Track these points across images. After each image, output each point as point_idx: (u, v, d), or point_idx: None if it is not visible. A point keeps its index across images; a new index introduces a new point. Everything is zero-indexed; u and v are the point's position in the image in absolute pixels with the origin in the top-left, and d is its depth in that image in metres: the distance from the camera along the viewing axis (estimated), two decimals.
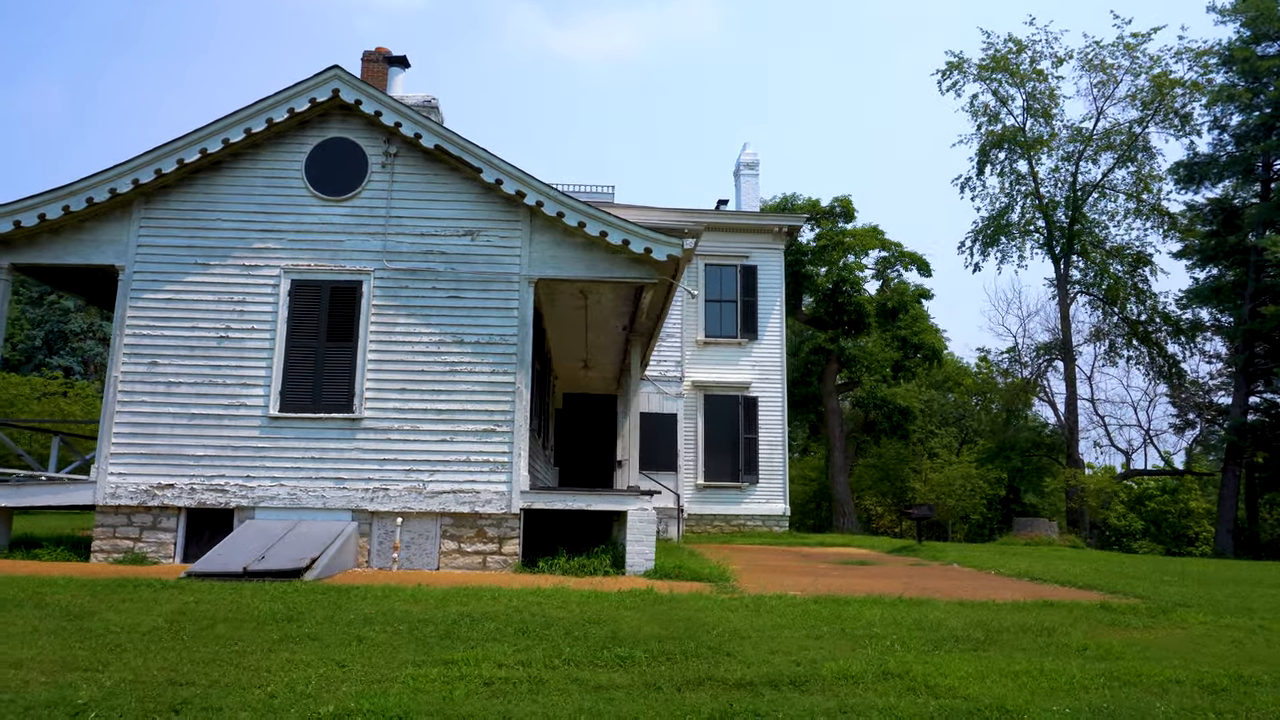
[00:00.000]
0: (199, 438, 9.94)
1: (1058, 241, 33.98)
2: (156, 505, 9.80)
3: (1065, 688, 5.26)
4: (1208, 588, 10.99)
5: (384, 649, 5.66)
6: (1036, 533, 21.17)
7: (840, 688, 5.13)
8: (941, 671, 5.47)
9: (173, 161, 10.14)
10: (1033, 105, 34.29)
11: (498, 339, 10.32)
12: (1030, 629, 7.02)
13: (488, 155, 10.43)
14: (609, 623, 6.64)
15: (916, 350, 30.44)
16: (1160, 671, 5.68)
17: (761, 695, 4.97)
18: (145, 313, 10.17)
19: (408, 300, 10.37)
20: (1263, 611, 8.84)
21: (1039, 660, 5.91)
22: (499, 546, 9.95)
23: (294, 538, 9.16)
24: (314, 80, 10.41)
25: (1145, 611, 8.16)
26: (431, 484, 9.99)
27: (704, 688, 5.10)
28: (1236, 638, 7.13)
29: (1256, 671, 5.85)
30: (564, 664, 5.49)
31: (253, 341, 10.17)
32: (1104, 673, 5.62)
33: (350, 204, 10.54)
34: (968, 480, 28.39)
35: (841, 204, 30.01)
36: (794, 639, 6.31)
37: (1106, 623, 7.57)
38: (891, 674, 5.39)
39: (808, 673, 5.37)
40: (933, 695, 5.02)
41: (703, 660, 5.65)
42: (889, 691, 5.07)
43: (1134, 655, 6.21)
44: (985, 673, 5.50)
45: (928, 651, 6.05)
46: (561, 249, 10.56)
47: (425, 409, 10.14)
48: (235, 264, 10.33)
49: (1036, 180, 34.63)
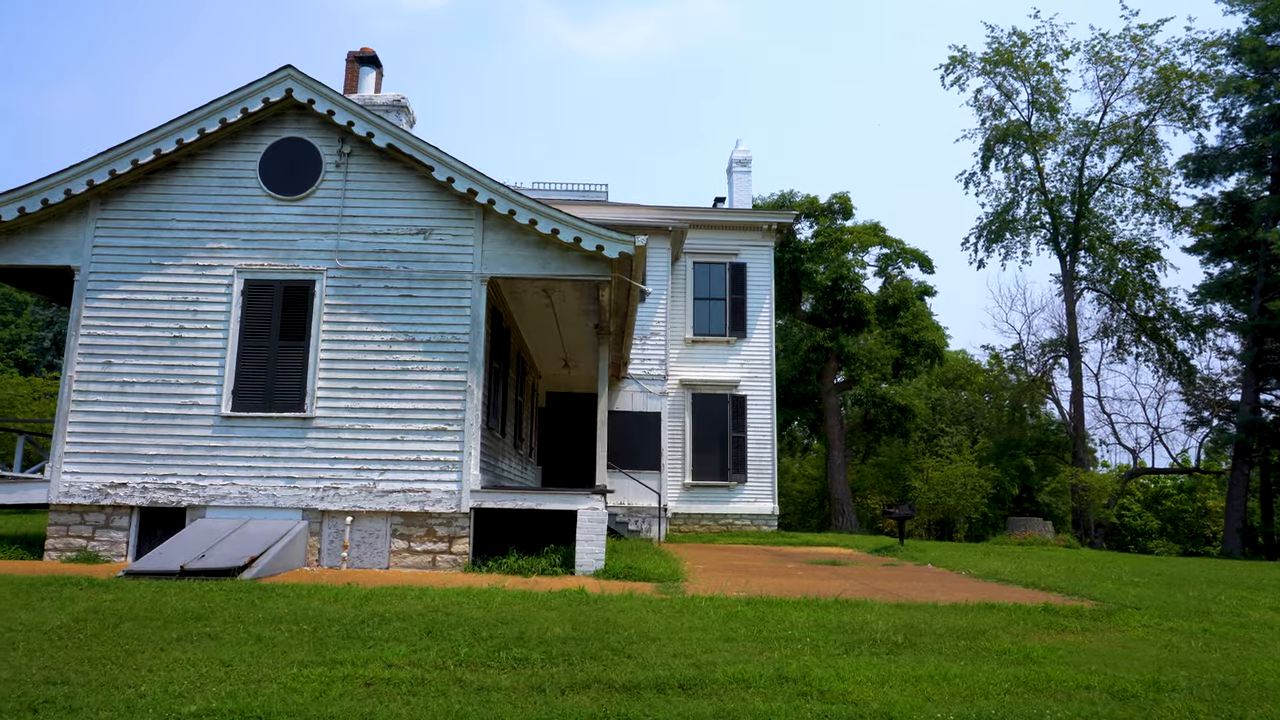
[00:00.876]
0: (152, 437, 10.00)
1: (1064, 237, 33.50)
2: (109, 504, 9.86)
3: (964, 693, 5.14)
4: (1177, 589, 10.75)
5: (279, 648, 5.63)
6: (1030, 532, 20.86)
7: (729, 692, 5.05)
8: (841, 676, 5.36)
9: (127, 162, 10.20)
10: (1038, 99, 33.83)
11: (449, 338, 10.29)
12: (958, 632, 6.88)
13: (439, 154, 10.40)
14: (521, 623, 6.59)
15: (917, 348, 30.10)
16: (1074, 677, 5.54)
17: (643, 699, 4.89)
18: (101, 313, 10.24)
19: (360, 299, 10.37)
20: (1219, 615, 8.62)
21: (950, 664, 5.78)
22: (449, 546, 9.92)
23: (239, 536, 9.18)
24: (267, 80, 10.43)
25: (1089, 614, 7.98)
26: (382, 483, 9.98)
27: (589, 691, 5.03)
28: (1173, 641, 6.95)
29: (1177, 677, 5.70)
30: (456, 665, 5.44)
31: (206, 341, 10.21)
32: (1013, 678, 5.49)
33: (304, 203, 10.55)
34: (968, 479, 28.04)
35: (840, 201, 29.74)
36: (705, 641, 6.22)
37: (1043, 625, 7.40)
38: (787, 678, 5.30)
39: (702, 676, 5.28)
40: (822, 700, 4.93)
41: (599, 663, 5.58)
42: (777, 696, 4.98)
43: (1055, 660, 6.06)
44: (886, 677, 5.39)
45: (838, 655, 5.94)
46: (514, 247, 10.51)
47: (376, 408, 10.14)
48: (190, 264, 10.38)
49: (1042, 175, 34.17)
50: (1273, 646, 6.99)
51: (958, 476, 27.97)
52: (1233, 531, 28.33)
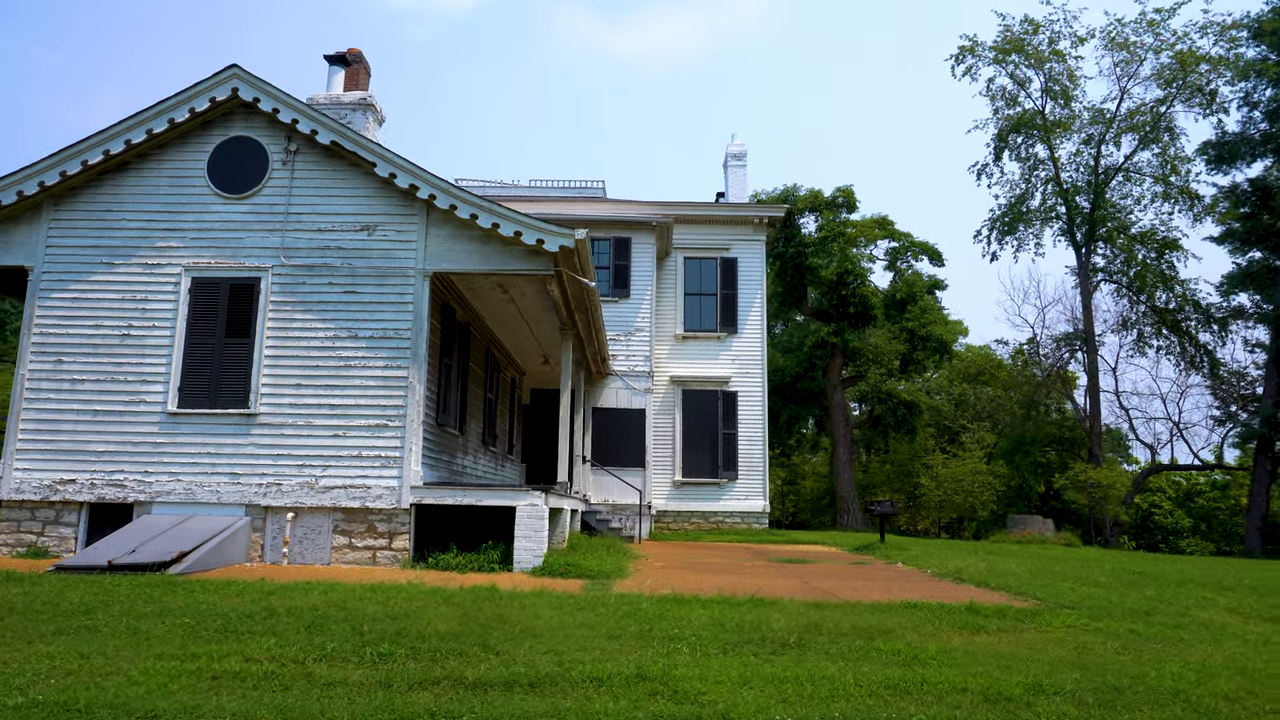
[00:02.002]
0: (101, 434, 10.14)
1: (1079, 228, 32.73)
2: (59, 500, 10.03)
3: (824, 696, 5.00)
4: (1138, 589, 10.41)
5: (150, 641, 5.66)
6: (1029, 530, 20.40)
7: (579, 690, 4.96)
8: (704, 676, 5.24)
9: (77, 164, 10.36)
10: (1051, 87, 33.07)
11: (392, 333, 10.30)
12: (860, 632, 6.70)
13: (381, 150, 10.42)
14: (411, 619, 6.55)
15: (925, 343, 29.63)
16: (954, 679, 5.36)
17: (485, 696, 4.83)
18: (53, 312, 10.41)
19: (305, 296, 10.42)
20: (1161, 615, 8.34)
21: (828, 665, 5.63)
22: (389, 542, 9.93)
23: (177, 532, 9.27)
24: (213, 80, 10.52)
25: (1014, 614, 7.74)
26: (324, 479, 10.02)
27: (436, 687, 4.97)
28: (1089, 643, 6.71)
29: (1067, 679, 5.49)
30: (317, 660, 5.42)
31: (154, 339, 10.34)
32: (887, 680, 5.32)
33: (251, 201, 10.63)
34: (976, 476, 27.52)
35: (844, 194, 29.36)
36: (586, 639, 6.13)
37: (959, 625, 7.19)
38: (646, 678, 5.19)
39: (560, 674, 5.21)
40: (670, 700, 4.82)
41: (463, 659, 5.52)
42: (625, 695, 4.88)
43: (945, 661, 5.88)
44: (751, 678, 5.26)
45: (714, 655, 5.82)
46: (458, 242, 10.49)
47: (319, 404, 10.18)
48: (139, 263, 10.51)
49: (1057, 165, 33.41)
50: (1195, 649, 6.72)
51: (965, 474, 27.46)
52: (1253, 529, 27.48)
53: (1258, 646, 6.98)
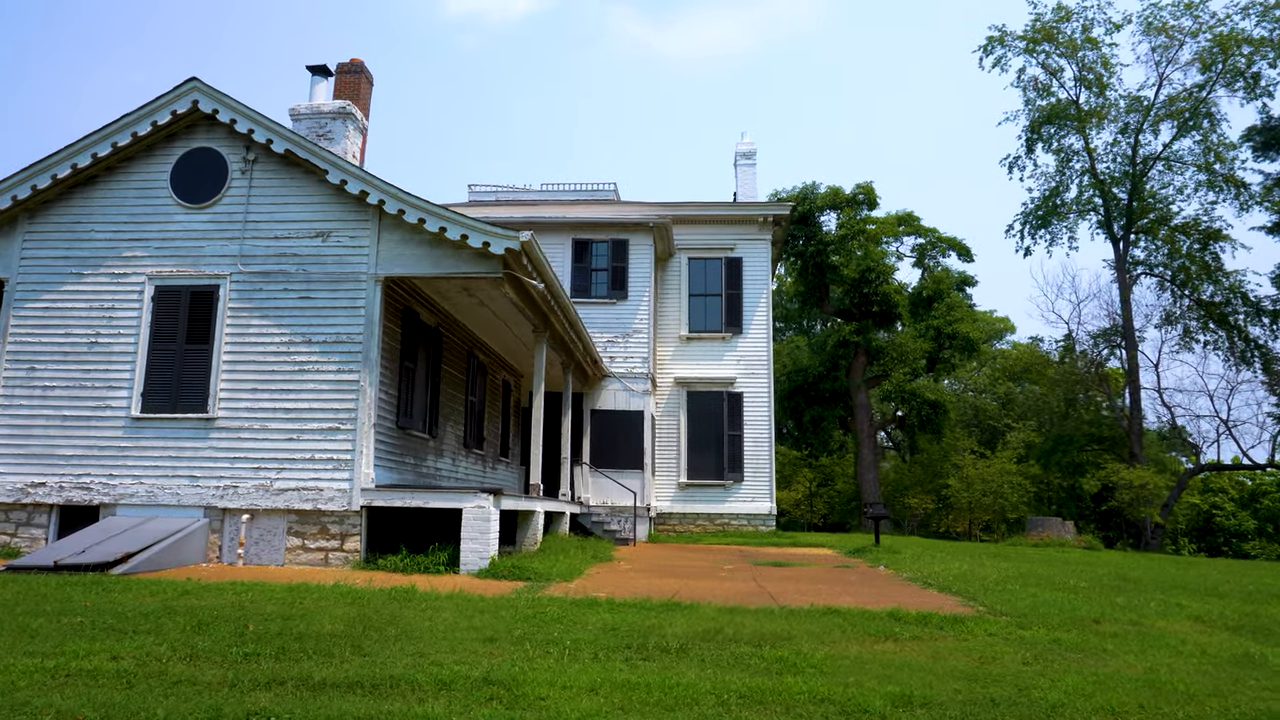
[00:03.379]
0: (69, 438, 10.49)
1: (1117, 220, 31.55)
2: (30, 503, 10.39)
3: (668, 704, 4.87)
4: (1108, 596, 9.95)
5: (33, 639, 5.80)
6: (1048, 533, 19.70)
7: (418, 692, 4.94)
8: (554, 682, 5.17)
9: (47, 178, 10.73)
10: (1085, 76, 32.00)
11: (344, 338, 10.42)
12: (757, 638, 6.52)
13: (333, 158, 10.56)
14: (301, 619, 6.60)
15: (951, 340, 28.86)
16: (818, 689, 5.17)
17: (320, 697, 4.83)
18: (26, 321, 10.81)
19: (261, 302, 10.61)
20: (1108, 623, 7.97)
21: (692, 672, 5.50)
22: (340, 544, 10.05)
23: (133, 533, 9.52)
24: (174, 93, 10.80)
25: (939, 622, 7.45)
26: (279, 482, 10.19)
27: (281, 688, 4.99)
28: (998, 653, 6.41)
29: (944, 691, 5.26)
30: (180, 659, 5.49)
31: (119, 346, 10.65)
32: (745, 688, 5.17)
33: (211, 210, 10.88)
34: (1005, 477, 26.69)
35: (864, 191, 28.82)
36: (461, 641, 6.11)
37: (871, 633, 6.94)
38: (492, 682, 5.14)
39: (409, 677, 5.18)
40: (505, 705, 4.77)
41: (324, 659, 5.55)
42: (461, 699, 4.84)
43: (823, 670, 5.68)
44: (600, 685, 5.16)
45: (583, 660, 5.74)
46: (409, 247, 10.56)
47: (275, 408, 10.36)
48: (107, 273, 10.84)
49: (1092, 156, 32.28)
50: (1117, 659, 6.39)
51: (993, 475, 26.65)
52: None
53: (1190, 657, 6.60)
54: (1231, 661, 6.57)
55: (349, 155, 13.73)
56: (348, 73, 20.85)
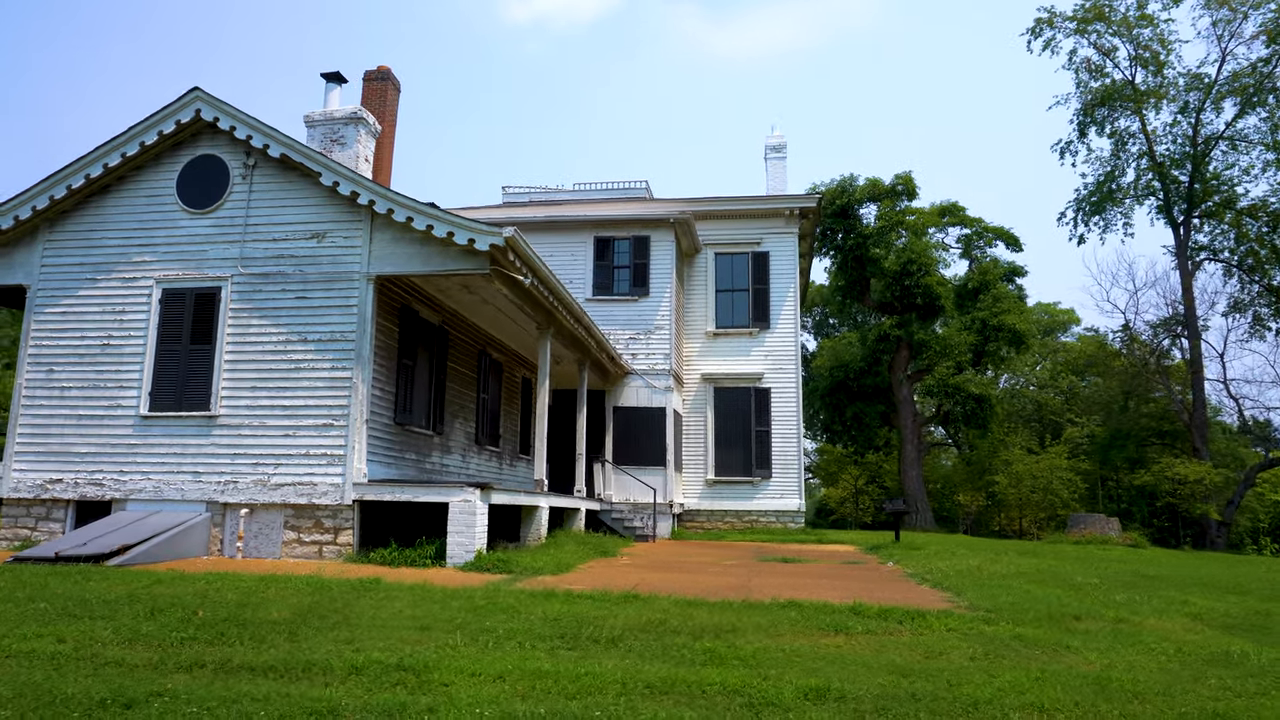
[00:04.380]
0: (84, 436, 10.97)
1: (1177, 203, 30.14)
2: (49, 498, 10.91)
3: (572, 692, 4.88)
4: (1113, 593, 9.50)
5: None
6: (1090, 530, 18.93)
7: (327, 676, 5.05)
8: (466, 669, 5.22)
9: (62, 189, 11.25)
10: (1141, 54, 30.64)
11: (338, 336, 10.65)
12: (698, 630, 6.44)
13: (326, 160, 10.80)
14: (253, 607, 6.77)
15: (997, 333, 27.98)
16: (734, 681, 5.08)
17: (230, 679, 4.97)
18: (46, 325, 11.35)
19: (260, 303, 10.93)
20: (1090, 620, 7.61)
21: (610, 663, 5.47)
22: (334, 537, 10.27)
23: (137, 527, 9.91)
24: (178, 104, 11.20)
25: (899, 616, 7.22)
26: (276, 477, 10.47)
27: (200, 670, 5.16)
28: (948, 648, 6.19)
29: (868, 685, 5.14)
30: (120, 643, 5.69)
31: (129, 348, 11.09)
32: (658, 679, 5.12)
33: (214, 215, 11.25)
34: (1054, 473, 25.74)
35: (903, 181, 28.18)
36: (399, 629, 6.19)
37: (822, 626, 6.78)
38: (404, 668, 5.21)
39: (327, 662, 5.29)
40: (408, 689, 4.86)
41: (255, 645, 5.70)
42: (366, 683, 4.92)
43: (747, 663, 5.58)
44: (513, 673, 5.18)
45: (509, 649, 5.76)
46: (400, 246, 10.74)
47: (272, 405, 10.65)
48: (118, 277, 11.31)
49: (1149, 137, 30.89)
50: (1077, 656, 6.12)
51: (1043, 471, 25.73)
52: None
53: (1159, 655, 6.28)
54: (1206, 660, 6.21)
55: (361, 159, 14.01)
56: (374, 79, 21.32)
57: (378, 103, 20.86)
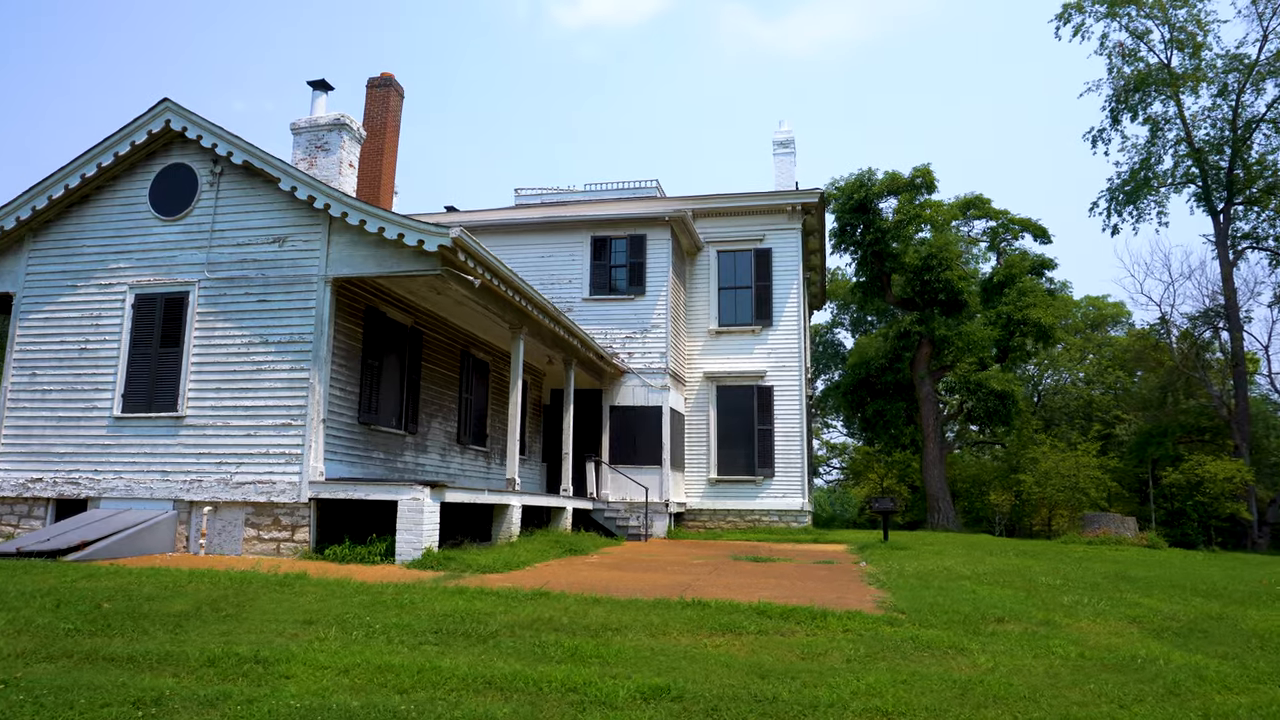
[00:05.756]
0: (63, 437, 11.41)
1: (1216, 190, 28.91)
2: (30, 496, 11.37)
3: (402, 686, 4.95)
4: (1066, 595, 9.17)
5: None
6: (1104, 529, 18.27)
7: (179, 666, 5.20)
8: (317, 662, 5.31)
9: (44, 199, 11.72)
10: (1177, 37, 29.46)
11: (297, 338, 10.88)
12: (583, 628, 6.43)
13: (284, 166, 11.04)
14: (162, 600, 6.97)
15: (1021, 327, 27.18)
16: (578, 679, 5.07)
17: (90, 668, 5.17)
18: (29, 331, 11.83)
19: (225, 306, 11.22)
20: (1018, 621, 7.38)
21: (460, 658, 5.54)
22: (291, 534, 10.49)
23: (100, 524, 10.27)
24: (149, 114, 11.57)
25: (800, 617, 7.07)
26: (238, 475, 10.74)
27: (68, 659, 5.36)
28: (830, 648, 6.06)
29: (716, 687, 5.07)
30: (11, 634, 5.91)
31: (105, 352, 11.50)
32: (499, 673, 5.14)
33: (184, 222, 11.59)
34: (1081, 471, 24.90)
35: (921, 174, 27.59)
36: (283, 623, 6.32)
37: (714, 626, 6.69)
38: (259, 660, 5.33)
39: (185, 653, 5.44)
40: (250, 680, 4.98)
41: (135, 635, 5.90)
42: (214, 674, 5.05)
43: (607, 660, 5.58)
44: (358, 665, 5.26)
45: (375, 642, 5.86)
46: (357, 248, 10.92)
47: (235, 406, 10.93)
48: (96, 284, 11.73)
49: (1186, 123, 29.68)
50: (963, 659, 5.95)
51: (1069, 469, 24.92)
52: None
53: (1057, 659, 6.08)
54: (1107, 665, 5.97)
55: (344, 164, 14.27)
56: (378, 86, 21.69)
57: (380, 108, 21.23)
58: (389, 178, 20.98)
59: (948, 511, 26.80)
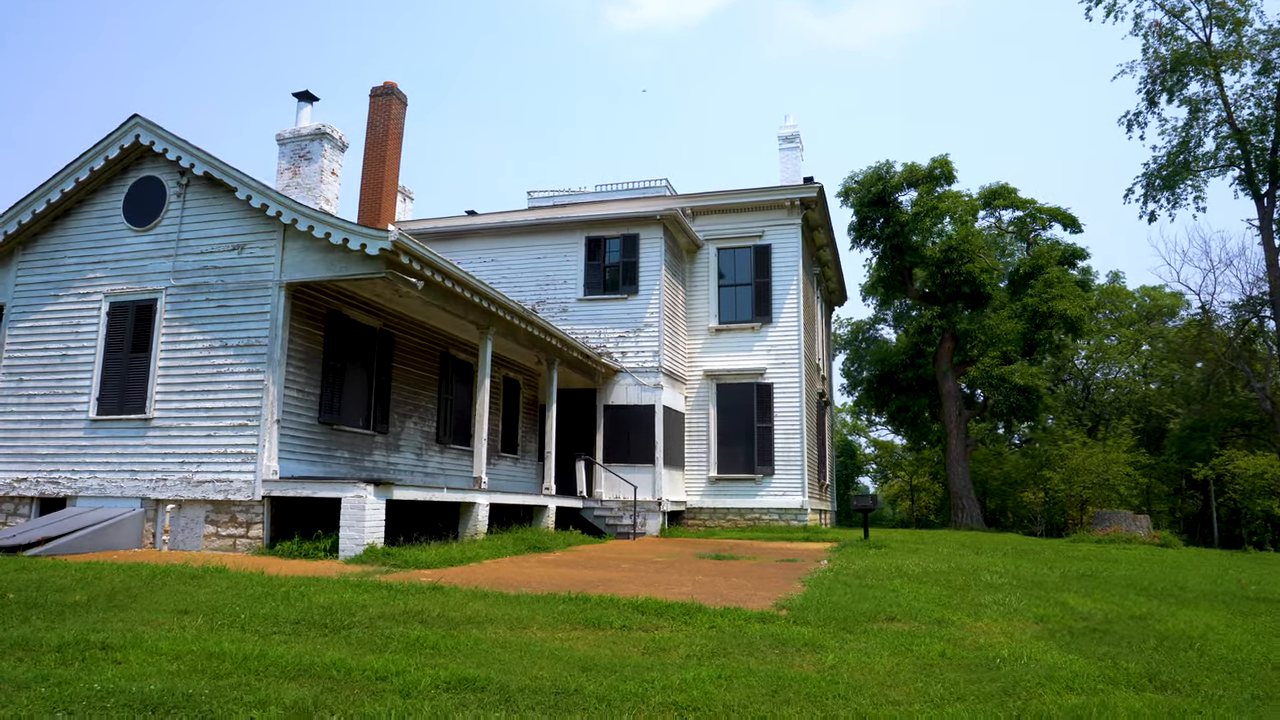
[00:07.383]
0: (45, 439, 12.03)
1: (1260, 171, 27.55)
2: (15, 495, 12.02)
3: (223, 671, 5.10)
4: (984, 593, 8.91)
5: None
6: (1115, 528, 17.60)
7: (35, 652, 5.44)
8: (157, 649, 5.50)
9: (28, 214, 12.38)
10: (1217, 13, 28.15)
11: (253, 341, 11.26)
12: (447, 621, 6.56)
13: (240, 175, 11.44)
14: (66, 591, 7.31)
15: (1047, 320, 26.33)
16: (393, 667, 5.18)
17: None
18: (18, 339, 12.50)
19: (189, 312, 11.68)
20: (911, 620, 7.23)
21: (296, 646, 5.69)
22: (246, 531, 10.87)
23: (68, 521, 10.81)
24: (120, 130, 12.11)
25: (674, 613, 7.06)
26: (199, 474, 11.18)
27: None
28: (667, 644, 6.05)
29: (518, 679, 5.14)
30: None
31: (83, 357, 12.08)
32: (321, 662, 5.26)
33: (153, 232, 12.10)
34: (1113, 467, 24.00)
35: (939, 165, 26.97)
36: (158, 614, 6.58)
37: (582, 621, 6.73)
38: (107, 646, 5.57)
39: (41, 639, 5.70)
40: (82, 663, 5.18)
41: (15, 623, 6.18)
42: (56, 658, 5.29)
43: (440, 650, 5.67)
44: (189, 653, 5.44)
45: (227, 631, 6.06)
46: (308, 254, 11.25)
47: (197, 408, 11.37)
48: (75, 293, 12.34)
49: (1228, 102, 28.34)
50: (807, 657, 5.89)
51: (1097, 466, 24.04)
52: None
53: (914, 660, 5.96)
54: (964, 665, 5.84)
55: (326, 172, 14.68)
56: (380, 94, 22.21)
57: (382, 116, 21.73)
58: (391, 184, 21.46)
59: (972, 509, 26.14)
